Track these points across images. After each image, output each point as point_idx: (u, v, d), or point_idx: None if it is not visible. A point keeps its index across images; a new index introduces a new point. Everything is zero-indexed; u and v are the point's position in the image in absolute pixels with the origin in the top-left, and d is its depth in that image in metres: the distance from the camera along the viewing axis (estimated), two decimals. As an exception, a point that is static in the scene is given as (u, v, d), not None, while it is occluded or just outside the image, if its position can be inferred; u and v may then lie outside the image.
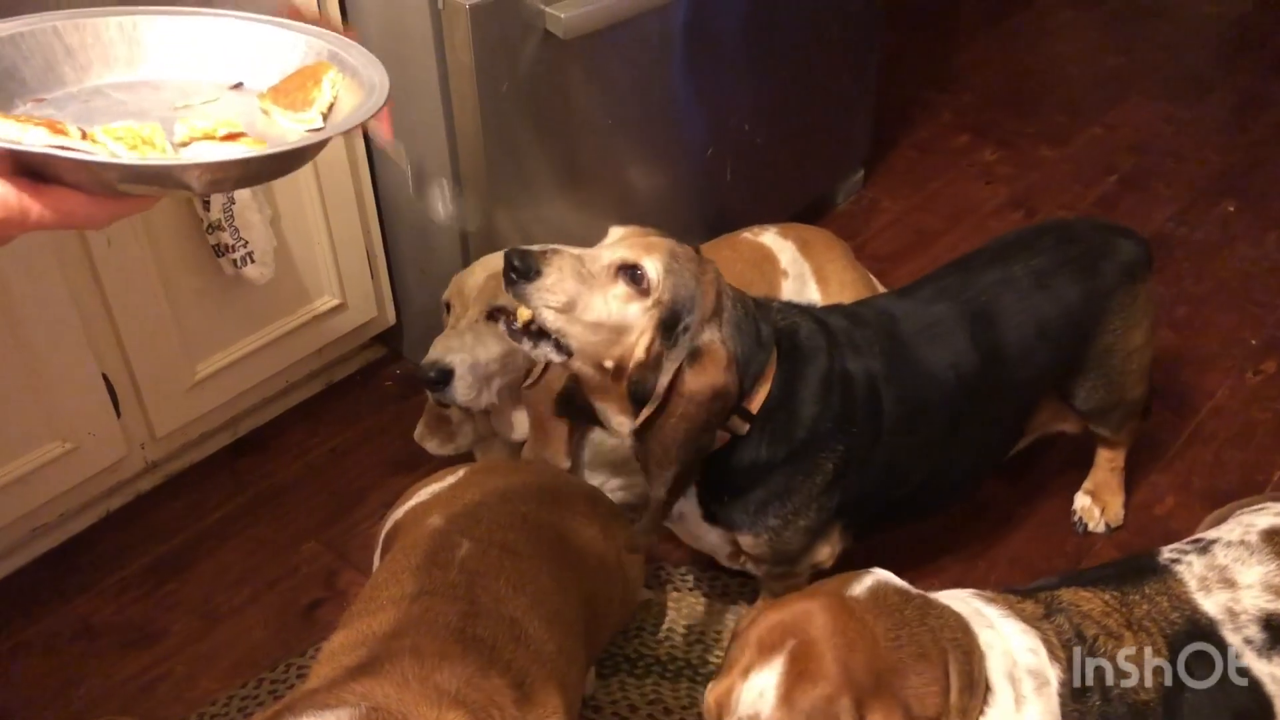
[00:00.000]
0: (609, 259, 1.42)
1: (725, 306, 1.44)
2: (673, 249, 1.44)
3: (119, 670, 1.82)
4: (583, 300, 1.39)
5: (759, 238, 2.28)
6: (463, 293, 1.84)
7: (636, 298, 1.41)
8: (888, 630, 1.17)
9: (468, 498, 1.53)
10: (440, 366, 1.78)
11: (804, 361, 1.50)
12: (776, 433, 1.49)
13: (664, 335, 1.41)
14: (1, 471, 1.79)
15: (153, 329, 1.89)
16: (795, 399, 1.49)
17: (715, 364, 1.41)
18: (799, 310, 1.59)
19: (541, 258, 1.39)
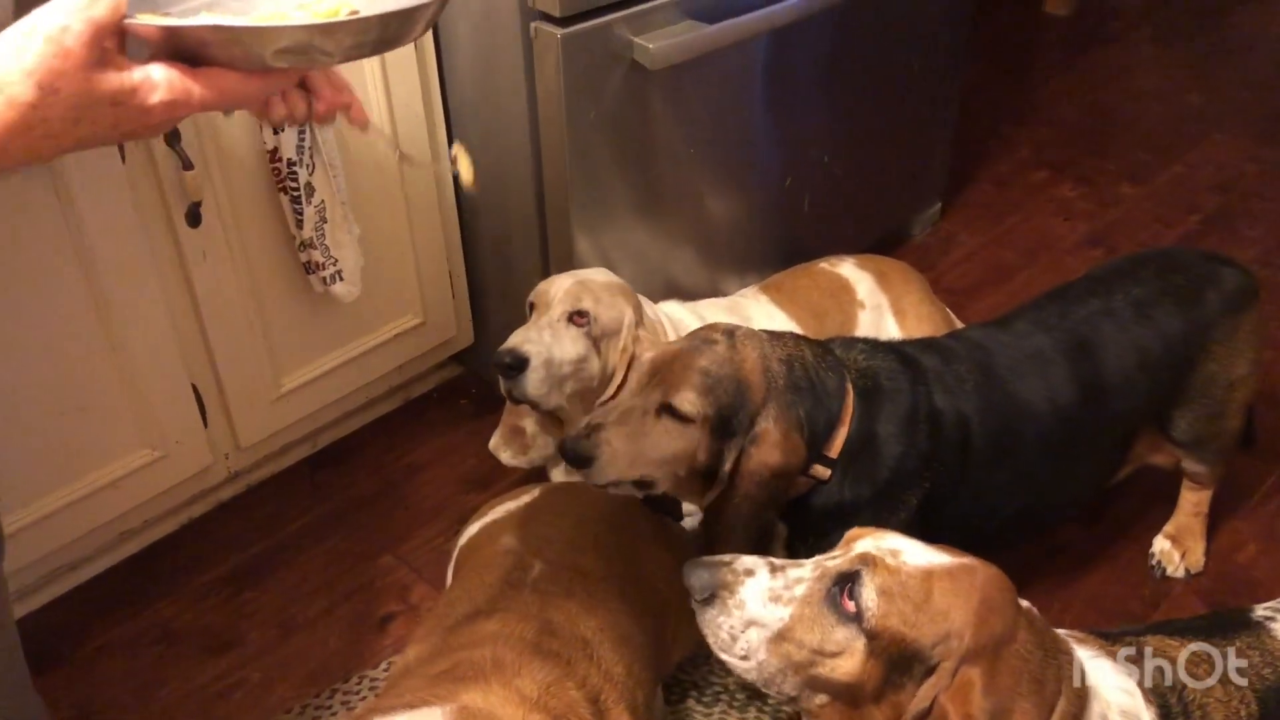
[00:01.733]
0: (649, 404, 1.46)
1: (776, 384, 1.45)
2: (703, 365, 1.44)
3: (197, 675, 1.85)
4: (639, 457, 1.45)
5: (836, 268, 2.28)
6: (546, 294, 1.86)
7: (684, 427, 1.44)
8: (1028, 639, 1.15)
9: (540, 519, 1.55)
10: (516, 353, 1.78)
11: (884, 401, 1.50)
12: (859, 474, 1.49)
13: (718, 436, 1.44)
14: (94, 476, 1.85)
15: (242, 342, 1.94)
16: (877, 439, 1.49)
17: (771, 444, 1.43)
18: (884, 348, 1.59)
19: (590, 442, 1.44)
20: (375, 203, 2.03)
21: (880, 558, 1.15)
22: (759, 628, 1.16)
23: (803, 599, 1.16)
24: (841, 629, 1.14)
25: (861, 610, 1.12)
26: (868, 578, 1.13)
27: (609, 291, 1.86)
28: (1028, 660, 1.14)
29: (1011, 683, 1.12)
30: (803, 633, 1.15)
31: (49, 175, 1.60)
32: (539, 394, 1.80)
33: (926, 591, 1.13)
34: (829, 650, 1.14)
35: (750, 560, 1.20)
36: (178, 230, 1.77)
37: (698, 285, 2.31)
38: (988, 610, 1.13)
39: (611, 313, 1.84)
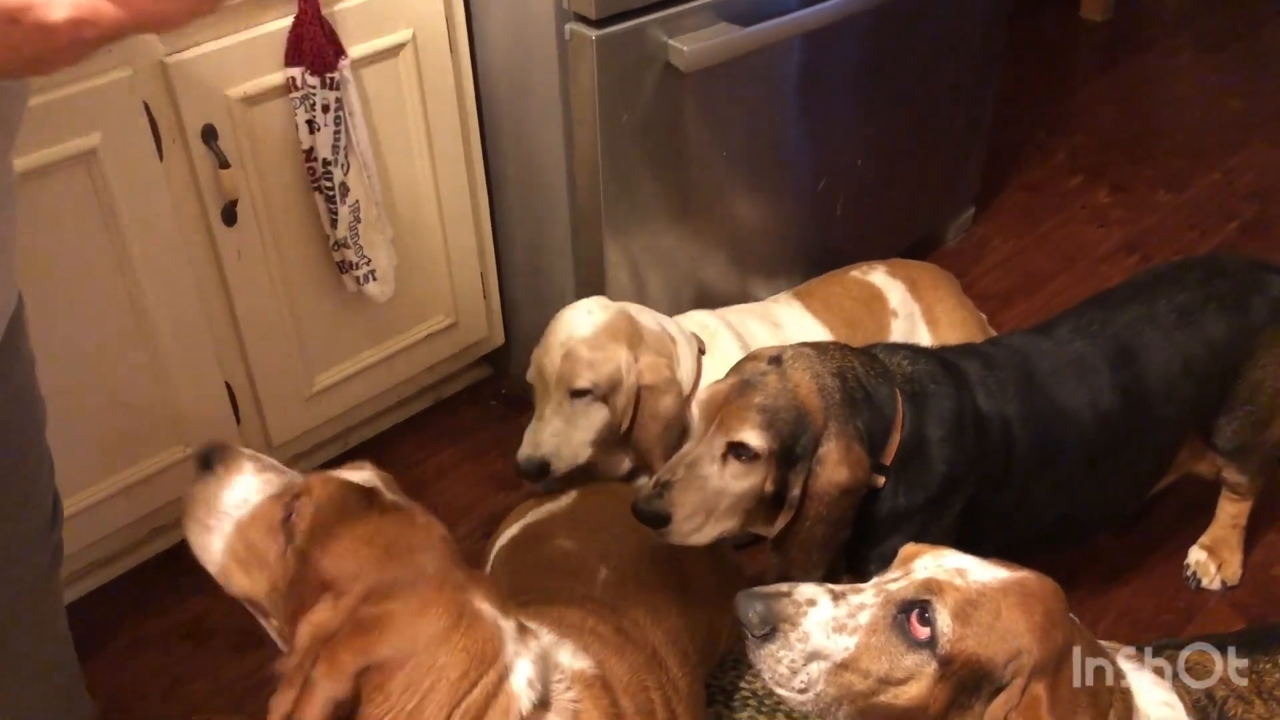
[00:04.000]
0: (714, 451, 1.45)
1: (832, 401, 1.43)
2: (758, 403, 1.43)
3: (227, 671, 1.86)
4: (711, 506, 1.45)
5: (868, 276, 2.27)
6: (543, 376, 1.85)
7: (750, 466, 1.44)
8: (1082, 649, 1.14)
9: (593, 523, 1.56)
10: (536, 461, 1.82)
11: (932, 405, 1.49)
12: (913, 480, 1.48)
13: (784, 465, 1.44)
14: (128, 472, 1.86)
15: (276, 341, 1.95)
16: (928, 444, 1.48)
17: (835, 461, 1.41)
18: (926, 353, 1.58)
19: (660, 501, 1.44)
20: (409, 203, 2.03)
21: (948, 580, 1.13)
22: (821, 660, 1.13)
23: (868, 627, 1.13)
24: (911, 655, 1.11)
25: (936, 636, 1.10)
26: (939, 604, 1.11)
27: (597, 347, 1.81)
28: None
29: (1071, 695, 1.11)
30: (869, 662, 1.12)
31: (87, 173, 1.62)
32: (570, 465, 1.84)
33: (997, 610, 1.11)
34: (896, 678, 1.12)
35: (810, 589, 1.17)
36: (213, 228, 1.79)
37: (729, 290, 2.30)
38: (1050, 623, 1.12)
39: (607, 368, 1.81)
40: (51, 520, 1.32)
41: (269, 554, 1.13)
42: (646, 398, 1.82)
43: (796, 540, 1.45)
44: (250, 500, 1.16)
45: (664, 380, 1.83)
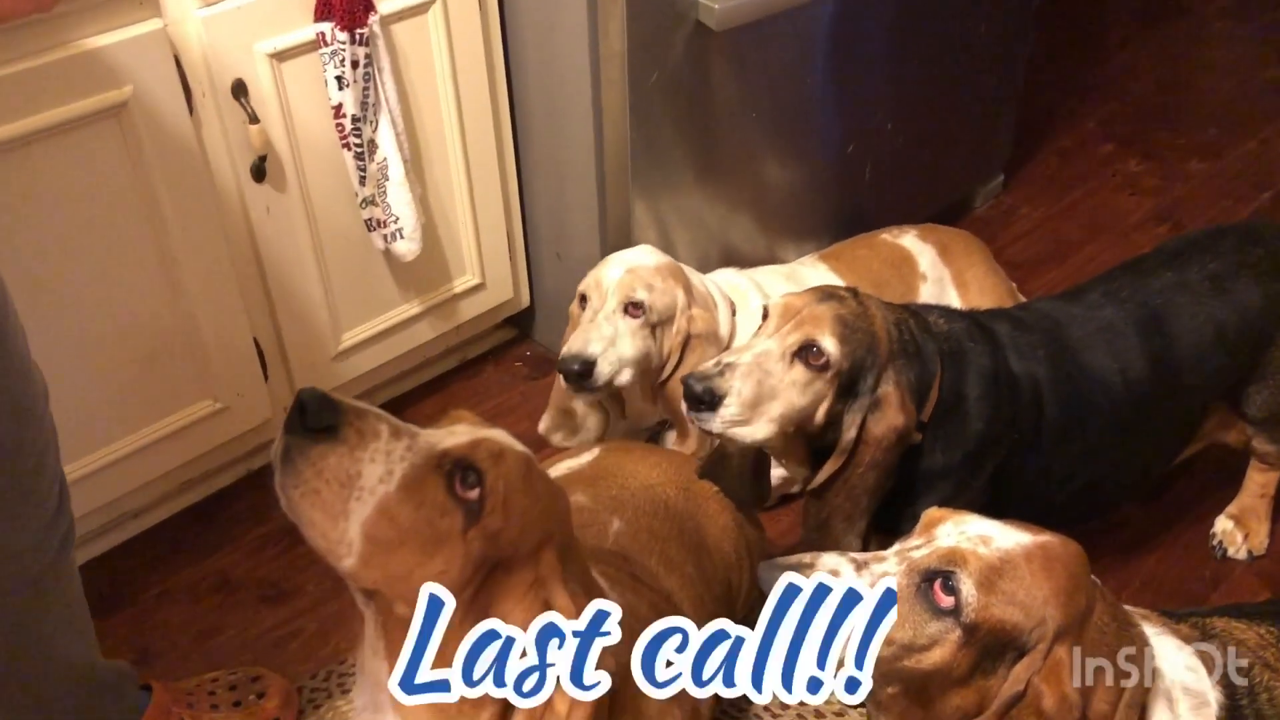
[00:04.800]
0: (781, 348, 1.43)
1: (894, 346, 1.43)
2: (839, 314, 1.43)
3: (255, 623, 1.88)
4: (764, 404, 1.42)
5: (898, 239, 2.26)
6: (600, 285, 1.86)
7: (816, 376, 1.42)
8: (1103, 612, 1.14)
9: (610, 479, 1.56)
10: (584, 359, 1.81)
11: (968, 366, 1.48)
12: (950, 438, 1.47)
13: (842, 396, 1.42)
14: (158, 425, 1.87)
15: (303, 298, 1.95)
16: (964, 403, 1.48)
17: (894, 406, 1.41)
18: (961, 315, 1.57)
19: (720, 380, 1.41)
20: (436, 162, 2.03)
21: (971, 549, 1.13)
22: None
23: None
24: (935, 623, 1.11)
25: (960, 605, 1.10)
26: (963, 573, 1.11)
27: (660, 276, 1.85)
28: (1105, 634, 1.13)
29: (1093, 657, 1.11)
30: (892, 630, 1.11)
31: (118, 127, 1.62)
32: (611, 375, 1.83)
33: (1021, 576, 1.11)
34: (920, 645, 1.12)
35: (833, 559, 1.17)
36: (242, 184, 1.79)
37: (755, 253, 2.29)
38: (1074, 587, 1.12)
39: (665, 299, 1.85)
40: (58, 506, 1.32)
41: (440, 536, 0.93)
42: (693, 346, 1.83)
43: (845, 487, 1.44)
44: (394, 472, 0.92)
45: (711, 332, 1.85)
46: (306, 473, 0.88)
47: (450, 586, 0.92)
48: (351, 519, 0.89)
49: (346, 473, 0.89)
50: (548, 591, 0.99)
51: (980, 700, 1.13)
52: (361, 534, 0.89)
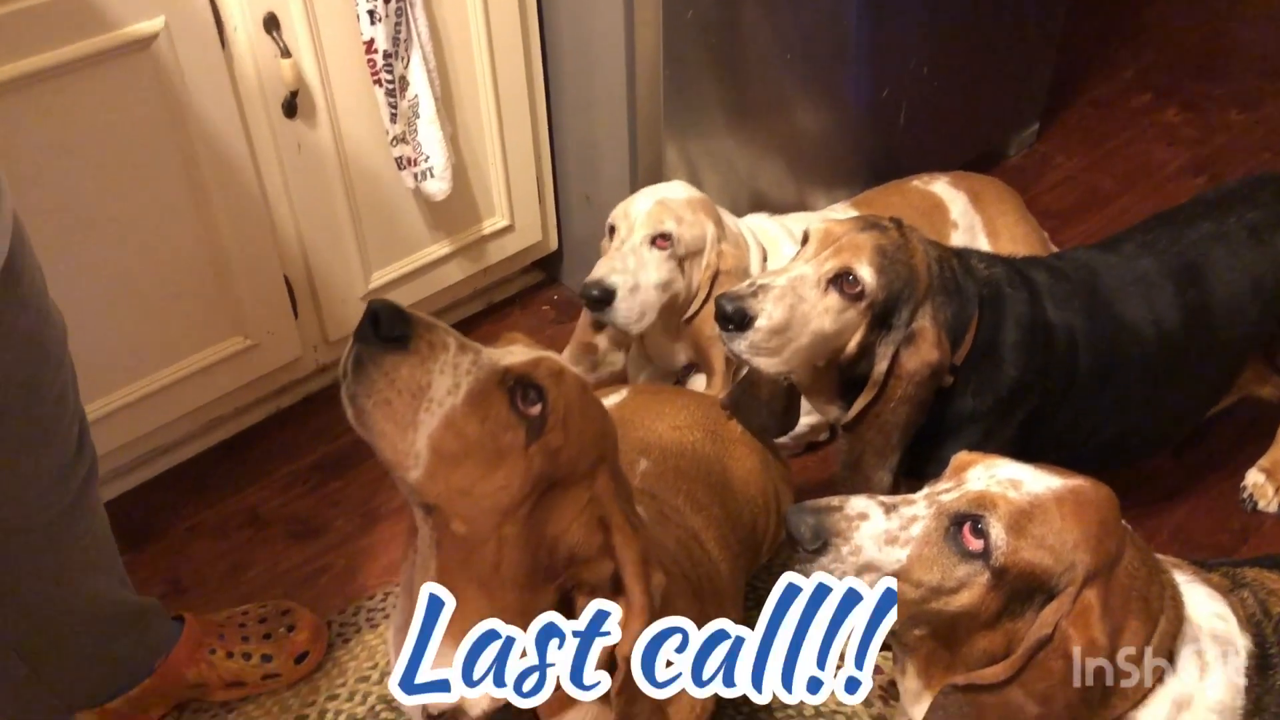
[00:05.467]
0: (817, 274, 1.41)
1: (935, 282, 1.42)
2: (880, 243, 1.40)
3: (284, 559, 1.91)
4: (795, 329, 1.40)
5: (930, 186, 2.23)
6: (629, 216, 1.85)
7: (850, 305, 1.40)
8: (1134, 557, 1.14)
9: (638, 420, 1.56)
10: (604, 286, 1.79)
11: (1006, 312, 1.47)
12: (982, 383, 1.46)
13: (876, 327, 1.41)
14: (188, 361, 1.89)
15: (334, 236, 1.95)
16: (1000, 349, 1.46)
17: (929, 342, 1.39)
18: (1001, 261, 1.55)
19: (752, 300, 1.39)
20: (467, 101, 2.02)
21: (1001, 493, 1.13)
22: (873, 571, 1.13)
23: (920, 539, 1.13)
24: (964, 566, 1.11)
25: (990, 548, 1.10)
26: (993, 517, 1.10)
27: (691, 209, 1.84)
28: (1135, 578, 1.12)
29: (1122, 602, 1.11)
30: (920, 573, 1.12)
31: (150, 59, 1.61)
32: (628, 320, 1.82)
33: (1051, 520, 1.10)
34: (948, 588, 1.12)
35: (861, 502, 1.17)
36: (274, 120, 1.78)
37: (785, 199, 2.27)
38: (1105, 532, 1.11)
39: (694, 231, 1.83)
40: (79, 445, 1.33)
41: (502, 450, 0.92)
42: (721, 282, 1.82)
43: (876, 422, 1.43)
44: (461, 386, 0.91)
45: (740, 270, 1.84)
46: (380, 382, 0.87)
47: (510, 502, 0.93)
48: (420, 430, 0.89)
49: (418, 383, 0.88)
50: (604, 510, 1.00)
51: (1007, 643, 1.13)
52: (429, 446, 0.89)
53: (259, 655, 1.65)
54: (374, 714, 1.63)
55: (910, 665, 1.22)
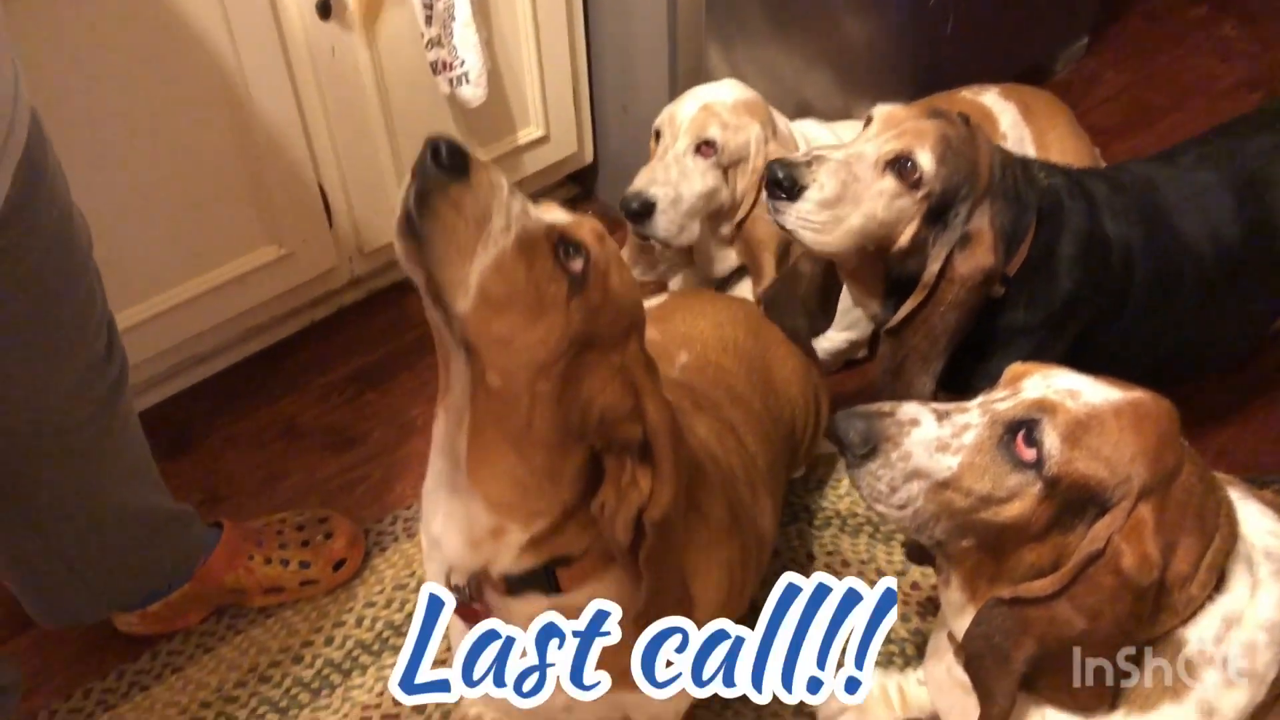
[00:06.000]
0: (876, 154, 1.36)
1: (996, 183, 1.36)
2: (944, 133, 1.35)
3: (320, 468, 1.91)
4: (845, 207, 1.35)
5: (979, 98, 2.17)
6: (674, 122, 1.80)
7: (905, 192, 1.35)
8: (1191, 472, 1.11)
9: (678, 318, 1.55)
10: (643, 199, 1.76)
11: (1064, 224, 1.42)
12: (1035, 296, 1.42)
13: (931, 222, 1.36)
14: (222, 270, 1.87)
15: (368, 144, 1.92)
16: (1056, 261, 1.42)
17: (984, 246, 1.34)
18: (1060, 171, 1.50)
19: (806, 170, 1.34)
20: (503, 5, 1.96)
21: (1058, 402, 1.10)
22: (922, 478, 1.11)
23: (972, 447, 1.11)
24: (1015, 475, 1.09)
25: (1043, 458, 1.07)
26: (1048, 424, 1.08)
27: (736, 113, 1.79)
28: (1191, 494, 1.10)
29: (1178, 518, 1.08)
30: (971, 481, 1.10)
31: (182, -43, 1.58)
32: (669, 234, 1.78)
33: (1108, 432, 1.07)
34: (999, 497, 1.10)
35: (913, 408, 1.14)
36: (308, 22, 1.74)
37: (831, 109, 2.21)
38: (1163, 446, 1.08)
39: (740, 138, 1.78)
40: (108, 349, 1.32)
41: (545, 302, 0.92)
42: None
43: (924, 327, 1.39)
44: (512, 229, 0.91)
45: None
46: (445, 207, 0.87)
47: (547, 357, 0.93)
48: (475, 263, 0.89)
49: (481, 213, 0.88)
50: (635, 376, 1.00)
51: (1056, 557, 1.11)
52: (479, 282, 0.89)
53: (297, 562, 1.66)
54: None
55: (955, 577, 1.21)
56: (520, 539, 1.03)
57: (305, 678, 1.59)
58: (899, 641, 1.59)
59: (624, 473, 1.00)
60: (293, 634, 1.64)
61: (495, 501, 1.00)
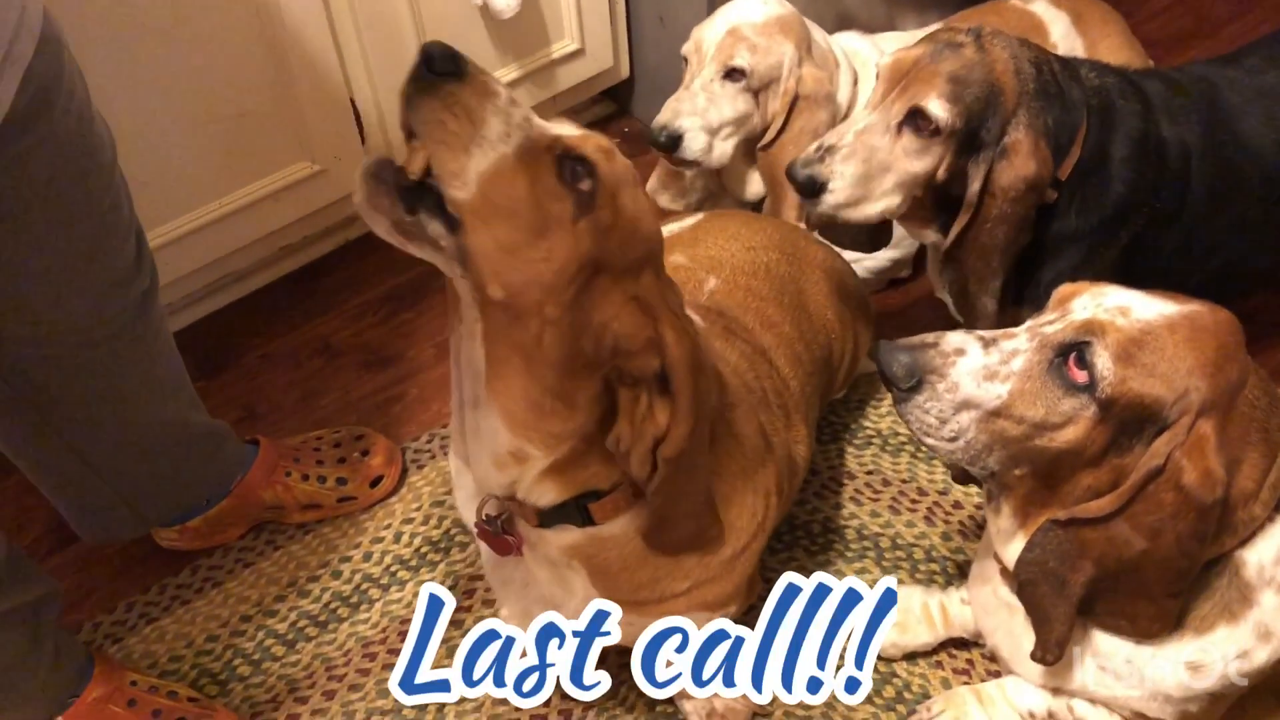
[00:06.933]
0: (887, 119, 1.33)
1: (1027, 88, 1.31)
2: (949, 70, 1.30)
3: (356, 387, 1.90)
4: (876, 179, 1.35)
5: (1029, 6, 2.08)
6: (701, 48, 1.75)
7: (929, 142, 1.32)
8: (1256, 385, 1.08)
9: (710, 240, 1.51)
10: (670, 131, 1.73)
11: (1116, 124, 1.37)
12: (1088, 200, 1.37)
13: (964, 151, 1.32)
14: (254, 186, 1.85)
15: (400, 58, 1.87)
16: (1108, 164, 1.36)
17: (1024, 154, 1.30)
18: (1112, 71, 1.44)
19: (820, 167, 1.34)
20: (537, -89, 1.91)
21: (1109, 321, 1.06)
22: (972, 409, 1.09)
23: (1022, 373, 1.08)
24: (1069, 400, 1.06)
25: (1096, 380, 1.04)
26: (1099, 345, 1.04)
27: (766, 34, 1.73)
28: (1255, 408, 1.06)
29: (1242, 433, 1.05)
30: (1023, 408, 1.07)
31: None
32: (700, 157, 1.75)
33: (1163, 347, 1.04)
34: (1053, 423, 1.07)
35: (957, 337, 1.12)
36: (338, -70, 1.70)
37: (874, 20, 2.14)
38: (1224, 359, 1.04)
39: (770, 60, 1.73)
40: (136, 258, 1.30)
41: (549, 219, 0.89)
42: (801, 108, 1.73)
43: (975, 246, 1.36)
44: (511, 136, 0.87)
45: (824, 94, 1.74)
46: (435, 104, 0.85)
47: (555, 279, 0.90)
48: (472, 159, 0.86)
49: (472, 112, 0.86)
50: (653, 306, 0.97)
51: (1113, 481, 1.08)
52: (478, 181, 0.86)
53: (334, 479, 1.66)
54: (450, 538, 1.64)
55: (1006, 505, 1.18)
56: (541, 464, 1.01)
57: (344, 592, 1.60)
58: (941, 560, 1.57)
59: (639, 406, 0.98)
60: (331, 549, 1.64)
61: (513, 420, 0.98)
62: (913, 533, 1.61)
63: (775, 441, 1.25)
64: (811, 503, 1.65)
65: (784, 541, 1.60)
